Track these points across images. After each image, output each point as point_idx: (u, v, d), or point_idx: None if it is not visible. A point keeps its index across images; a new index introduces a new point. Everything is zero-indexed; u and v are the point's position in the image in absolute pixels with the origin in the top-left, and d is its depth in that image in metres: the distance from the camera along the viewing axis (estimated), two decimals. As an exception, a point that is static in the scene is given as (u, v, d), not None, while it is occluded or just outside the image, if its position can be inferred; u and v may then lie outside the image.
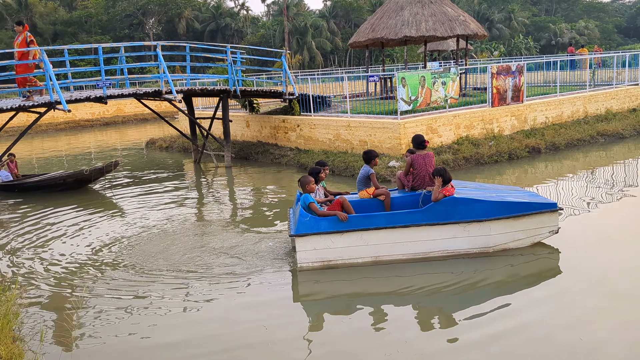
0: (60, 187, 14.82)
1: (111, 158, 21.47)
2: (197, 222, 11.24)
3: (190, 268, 8.21)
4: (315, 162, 9.26)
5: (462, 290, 7.02)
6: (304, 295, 7.31)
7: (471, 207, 7.82)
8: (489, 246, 8.03)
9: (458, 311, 6.45)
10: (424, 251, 7.95)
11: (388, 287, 7.27)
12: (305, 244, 7.73)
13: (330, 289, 7.40)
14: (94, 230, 10.90)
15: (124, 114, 39.13)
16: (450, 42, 29.23)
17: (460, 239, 7.94)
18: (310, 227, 7.70)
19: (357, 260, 7.87)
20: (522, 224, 8.04)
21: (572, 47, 34.02)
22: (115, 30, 67.90)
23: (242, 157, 18.94)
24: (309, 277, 7.67)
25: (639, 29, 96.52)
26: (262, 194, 13.76)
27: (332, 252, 7.80)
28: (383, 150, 14.59)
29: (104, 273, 8.37)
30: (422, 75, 14.92)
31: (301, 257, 7.77)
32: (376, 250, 7.86)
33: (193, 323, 6.53)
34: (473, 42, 55.44)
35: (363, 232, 7.76)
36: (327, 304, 7.03)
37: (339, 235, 7.73)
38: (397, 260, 7.91)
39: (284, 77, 18.25)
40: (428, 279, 7.41)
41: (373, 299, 6.97)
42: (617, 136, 17.29)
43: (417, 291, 7.10)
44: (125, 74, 17.30)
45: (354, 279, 7.52)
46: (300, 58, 63.49)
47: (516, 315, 6.31)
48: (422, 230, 7.84)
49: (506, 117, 16.42)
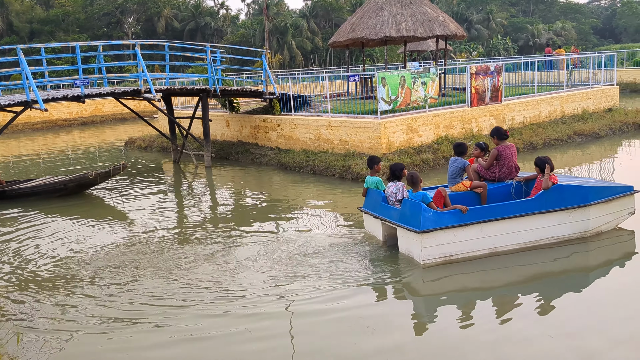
0: (60, 192, 13.88)
1: (89, 158, 21.24)
2: (178, 227, 11.17)
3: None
4: (370, 158, 9.08)
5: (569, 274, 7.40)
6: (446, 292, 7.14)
7: (575, 194, 8.13)
8: (588, 230, 8.34)
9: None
10: (535, 239, 8.11)
11: (512, 277, 7.40)
12: (431, 239, 7.63)
13: (463, 283, 7.33)
14: (75, 235, 10.76)
15: (102, 113, 38.73)
16: (429, 43, 29.39)
17: (565, 225, 8.20)
18: (435, 222, 7.61)
19: (476, 253, 7.87)
20: (612, 207, 8.44)
21: (549, 48, 34.44)
22: (93, 29, 67.15)
23: (222, 156, 18.86)
24: (436, 273, 7.55)
25: (614, 30, 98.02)
26: (244, 194, 13.72)
27: (454, 247, 7.76)
28: (364, 149, 14.63)
29: (76, 283, 8.27)
30: (402, 75, 14.98)
31: (426, 253, 7.66)
32: (493, 241, 7.92)
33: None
34: (452, 43, 55.82)
35: (483, 224, 7.77)
36: (468, 297, 6.96)
37: (461, 229, 7.71)
38: (510, 250, 7.99)
39: (264, 77, 18.21)
40: (550, 266, 7.62)
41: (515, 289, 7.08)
42: (593, 136, 17.53)
43: (542, 278, 7.27)
44: (104, 72, 17.12)
45: (476, 272, 7.52)
46: (281, 57, 63.38)
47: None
48: (534, 219, 8.00)
49: (485, 116, 16.57)
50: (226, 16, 78.43)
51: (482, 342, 5.76)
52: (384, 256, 8.26)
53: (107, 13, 69.07)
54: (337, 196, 12.56)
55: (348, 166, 13.99)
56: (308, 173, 15.09)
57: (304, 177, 14.84)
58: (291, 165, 15.79)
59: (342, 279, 7.41)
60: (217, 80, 17.27)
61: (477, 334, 5.95)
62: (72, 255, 9.19)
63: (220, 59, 18.16)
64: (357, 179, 13.49)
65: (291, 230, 10.06)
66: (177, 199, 13.79)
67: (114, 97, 16.80)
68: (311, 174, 14.99)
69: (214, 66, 17.19)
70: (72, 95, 15.28)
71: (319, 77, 23.32)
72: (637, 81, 33.47)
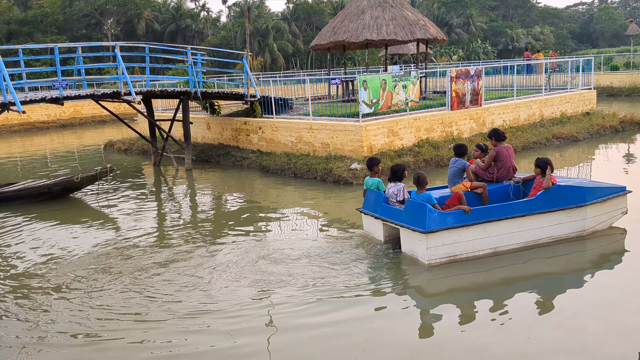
0: (44, 196, 13.49)
1: (68, 161, 21.00)
2: (160, 231, 11.07)
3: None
4: (369, 159, 9.19)
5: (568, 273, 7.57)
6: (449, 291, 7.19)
7: (573, 194, 8.34)
8: (584, 230, 8.56)
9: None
10: (535, 239, 8.27)
11: (515, 275, 7.50)
12: (436, 240, 7.70)
13: (467, 282, 7.37)
14: (49, 241, 10.61)
15: (81, 115, 38.30)
16: (410, 46, 29.57)
17: (563, 225, 8.40)
18: (440, 223, 7.69)
19: (479, 253, 7.98)
20: (607, 206, 8.69)
21: (528, 52, 34.87)
22: (72, 31, 66.45)
23: (202, 159, 18.76)
24: (440, 273, 7.60)
25: (591, 35, 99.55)
26: (224, 198, 13.66)
27: (458, 247, 7.85)
28: (345, 152, 14.66)
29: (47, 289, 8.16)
30: (384, 79, 15.05)
31: (431, 253, 7.72)
32: (496, 241, 8.04)
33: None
34: (433, 46, 56.20)
35: (486, 224, 7.88)
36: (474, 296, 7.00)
37: (465, 229, 7.80)
38: (511, 250, 8.13)
39: (246, 79, 18.16)
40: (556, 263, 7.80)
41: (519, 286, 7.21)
42: (571, 139, 17.75)
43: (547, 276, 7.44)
44: (83, 74, 16.92)
45: (480, 272, 7.60)
46: (262, 60, 63.29)
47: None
48: (535, 219, 8.16)
49: (465, 120, 16.70)
50: (207, 18, 78.15)
51: (496, 339, 5.84)
52: (381, 257, 8.26)
53: (86, 14, 68.40)
54: (319, 199, 12.56)
55: (330, 169, 14.00)
56: (289, 176, 15.07)
57: (286, 180, 14.82)
58: (272, 168, 15.76)
59: (337, 283, 7.32)
60: (197, 82, 17.19)
61: (489, 332, 6.02)
62: (42, 261, 8.98)
63: (201, 61, 18.09)
64: (339, 182, 13.51)
65: (274, 234, 10.00)
66: (157, 202, 13.67)
67: (94, 99, 16.63)
68: (292, 177, 14.98)
69: (195, 68, 17.11)
70: (50, 97, 15.09)
71: (301, 80, 23.34)
72: (614, 85, 33.98)
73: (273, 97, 17.79)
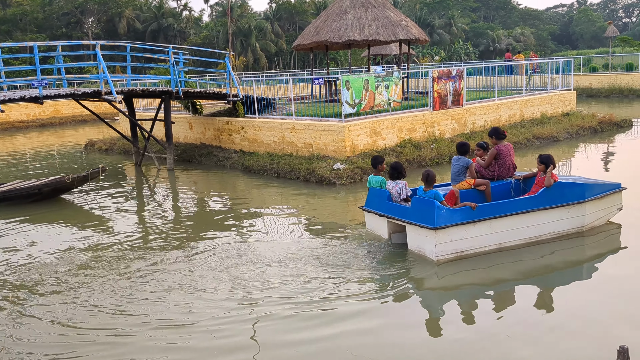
0: (34, 197, 13.12)
1: (49, 161, 20.76)
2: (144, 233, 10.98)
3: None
4: (373, 157, 9.31)
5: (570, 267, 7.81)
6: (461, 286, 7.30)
7: (573, 190, 8.52)
8: (584, 225, 8.77)
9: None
10: (537, 234, 8.44)
11: (520, 270, 7.65)
12: (444, 236, 7.78)
13: (475, 278, 7.47)
14: (22, 242, 10.47)
15: (61, 115, 37.86)
16: (393, 47, 29.66)
17: (564, 221, 8.59)
18: (448, 219, 7.77)
19: (485, 249, 8.10)
20: (604, 203, 8.91)
21: (509, 53, 35.24)
22: (52, 29, 65.69)
23: (184, 159, 18.65)
24: (448, 269, 7.70)
25: (571, 37, 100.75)
26: (207, 198, 13.60)
27: (465, 243, 7.95)
28: (328, 152, 14.67)
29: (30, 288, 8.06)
30: (366, 79, 15.08)
31: (439, 249, 7.80)
32: (501, 237, 8.17)
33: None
34: (415, 47, 56.45)
35: (492, 220, 8.00)
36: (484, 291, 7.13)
37: (472, 225, 7.91)
38: (515, 246, 8.27)
39: (228, 79, 18.09)
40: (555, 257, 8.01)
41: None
42: (551, 139, 17.95)
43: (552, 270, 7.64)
44: (63, 73, 16.75)
45: (485, 267, 7.71)
46: (244, 60, 63.09)
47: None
48: (538, 215, 8.32)
49: (447, 120, 16.80)
50: (189, 17, 77.75)
51: (511, 331, 5.97)
52: (385, 255, 8.31)
53: (66, 13, 67.66)
54: (302, 199, 12.56)
55: (312, 169, 14.00)
56: (272, 176, 15.05)
57: (268, 180, 14.79)
58: (255, 168, 15.72)
59: (335, 286, 7.24)
60: (179, 82, 17.09)
61: (506, 325, 6.13)
62: (17, 264, 8.94)
63: (183, 61, 17.98)
64: (322, 182, 13.52)
65: (259, 237, 9.91)
66: (138, 203, 13.55)
67: (74, 98, 16.45)
68: (275, 177, 14.95)
69: (177, 68, 17.01)
70: (29, 96, 14.90)
71: (283, 80, 23.31)
72: (593, 86, 34.42)
73: (256, 97, 17.74)
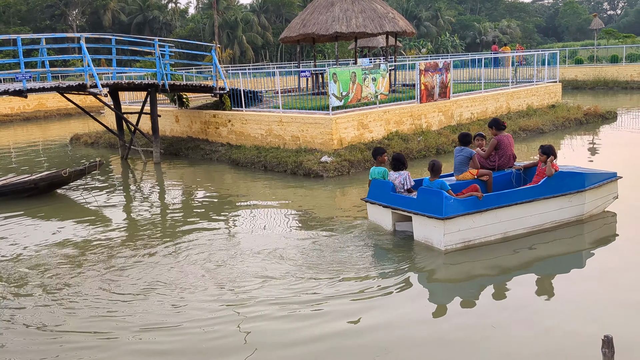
0: (30, 192, 12.87)
1: (33, 156, 20.56)
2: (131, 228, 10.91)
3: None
4: (375, 148, 9.44)
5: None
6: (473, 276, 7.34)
7: (574, 179, 8.67)
8: (583, 214, 8.93)
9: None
10: (539, 223, 8.57)
11: (523, 259, 7.76)
12: (452, 226, 7.85)
13: (483, 267, 7.54)
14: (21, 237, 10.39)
15: (46, 108, 37.47)
16: (379, 39, 29.65)
17: (565, 209, 8.73)
18: (456, 209, 7.83)
19: (490, 238, 8.20)
20: (602, 191, 9.09)
21: (495, 46, 35.37)
22: (36, 21, 64.99)
23: (171, 152, 18.55)
24: (455, 259, 7.77)
25: (557, 29, 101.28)
26: (194, 192, 13.54)
27: (472, 232, 8.03)
28: (315, 145, 14.65)
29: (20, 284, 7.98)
30: (353, 71, 15.06)
31: (448, 239, 7.86)
32: (505, 226, 8.29)
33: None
34: (402, 39, 56.47)
35: (498, 209, 8.10)
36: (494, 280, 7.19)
37: (479, 215, 7.99)
38: (518, 235, 8.39)
39: (215, 72, 18.00)
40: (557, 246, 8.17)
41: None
42: (537, 131, 18.05)
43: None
44: (47, 66, 16.56)
45: (494, 257, 7.79)
46: (231, 52, 62.79)
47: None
48: (541, 204, 8.46)
49: (434, 113, 16.84)
50: (175, 10, 77.17)
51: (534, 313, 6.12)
52: (388, 246, 8.37)
53: (50, 5, 66.90)
54: (289, 192, 12.54)
55: (300, 162, 13.98)
56: (259, 169, 15.01)
57: (256, 173, 14.75)
58: (242, 162, 15.67)
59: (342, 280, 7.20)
60: (165, 75, 16.97)
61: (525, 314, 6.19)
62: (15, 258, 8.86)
63: (169, 54, 17.85)
64: (309, 174, 13.51)
65: (247, 230, 9.88)
66: (124, 197, 13.46)
67: (59, 91, 16.29)
68: (263, 170, 14.92)
69: (163, 60, 16.89)
70: (13, 90, 14.72)
71: (270, 73, 23.24)
72: (579, 78, 34.64)
73: (242, 89, 17.66)
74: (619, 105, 24.85)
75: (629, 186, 10.28)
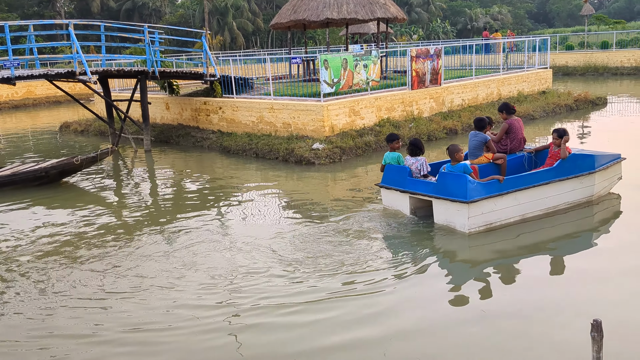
0: (40, 180, 12.62)
1: (22, 143, 20.41)
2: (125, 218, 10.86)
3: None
4: (389, 135, 9.55)
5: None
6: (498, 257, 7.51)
7: (585, 161, 8.89)
8: (593, 195, 9.16)
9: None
10: (554, 205, 8.80)
11: (543, 238, 7.98)
12: (476, 209, 8.01)
13: (505, 247, 7.74)
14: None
15: (34, 96, 37.10)
16: (371, 25, 29.56)
17: (577, 191, 8.97)
18: (479, 192, 8.00)
19: (510, 220, 8.39)
20: (609, 173, 9.32)
21: (486, 32, 35.24)
22: (23, 8, 64.08)
23: (162, 140, 18.47)
24: (481, 241, 7.93)
25: (547, 15, 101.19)
26: (185, 180, 13.50)
27: (494, 215, 8.22)
28: (307, 132, 14.63)
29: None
30: (345, 58, 15.02)
31: (471, 222, 8.02)
32: (524, 208, 8.48)
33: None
34: (393, 26, 56.31)
35: (517, 192, 8.29)
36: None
37: (500, 198, 8.18)
38: (535, 217, 8.59)
39: (205, 58, 17.89)
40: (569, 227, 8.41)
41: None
42: (528, 117, 18.10)
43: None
44: (35, 53, 16.40)
45: (515, 237, 8.01)
46: (221, 39, 62.36)
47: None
48: (557, 186, 8.68)
49: (425, 99, 16.84)
50: (164, -4, 76.32)
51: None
52: (400, 230, 8.41)
53: (37, -9, 66.02)
54: (281, 179, 12.54)
55: (291, 149, 13.96)
56: (251, 156, 14.99)
57: (247, 160, 14.73)
58: (234, 149, 15.63)
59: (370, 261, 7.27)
60: (155, 62, 16.85)
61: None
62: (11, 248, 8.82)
63: (159, 40, 17.71)
64: (301, 162, 13.50)
65: (240, 218, 9.87)
66: (115, 185, 13.39)
67: (47, 79, 16.15)
68: (254, 157, 14.90)
69: (152, 47, 16.75)
70: (1, 77, 14.56)
71: (261, 59, 23.11)
72: (569, 64, 34.71)
73: (233, 76, 17.58)
74: (609, 91, 24.96)
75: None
